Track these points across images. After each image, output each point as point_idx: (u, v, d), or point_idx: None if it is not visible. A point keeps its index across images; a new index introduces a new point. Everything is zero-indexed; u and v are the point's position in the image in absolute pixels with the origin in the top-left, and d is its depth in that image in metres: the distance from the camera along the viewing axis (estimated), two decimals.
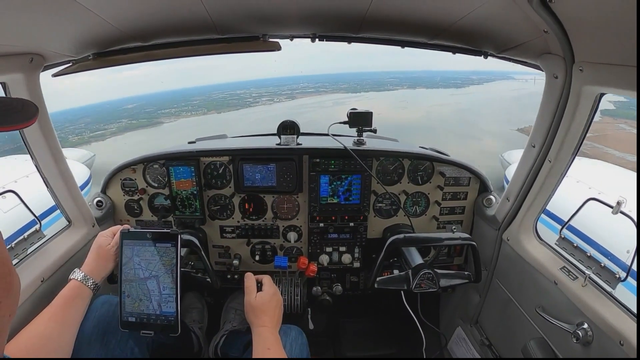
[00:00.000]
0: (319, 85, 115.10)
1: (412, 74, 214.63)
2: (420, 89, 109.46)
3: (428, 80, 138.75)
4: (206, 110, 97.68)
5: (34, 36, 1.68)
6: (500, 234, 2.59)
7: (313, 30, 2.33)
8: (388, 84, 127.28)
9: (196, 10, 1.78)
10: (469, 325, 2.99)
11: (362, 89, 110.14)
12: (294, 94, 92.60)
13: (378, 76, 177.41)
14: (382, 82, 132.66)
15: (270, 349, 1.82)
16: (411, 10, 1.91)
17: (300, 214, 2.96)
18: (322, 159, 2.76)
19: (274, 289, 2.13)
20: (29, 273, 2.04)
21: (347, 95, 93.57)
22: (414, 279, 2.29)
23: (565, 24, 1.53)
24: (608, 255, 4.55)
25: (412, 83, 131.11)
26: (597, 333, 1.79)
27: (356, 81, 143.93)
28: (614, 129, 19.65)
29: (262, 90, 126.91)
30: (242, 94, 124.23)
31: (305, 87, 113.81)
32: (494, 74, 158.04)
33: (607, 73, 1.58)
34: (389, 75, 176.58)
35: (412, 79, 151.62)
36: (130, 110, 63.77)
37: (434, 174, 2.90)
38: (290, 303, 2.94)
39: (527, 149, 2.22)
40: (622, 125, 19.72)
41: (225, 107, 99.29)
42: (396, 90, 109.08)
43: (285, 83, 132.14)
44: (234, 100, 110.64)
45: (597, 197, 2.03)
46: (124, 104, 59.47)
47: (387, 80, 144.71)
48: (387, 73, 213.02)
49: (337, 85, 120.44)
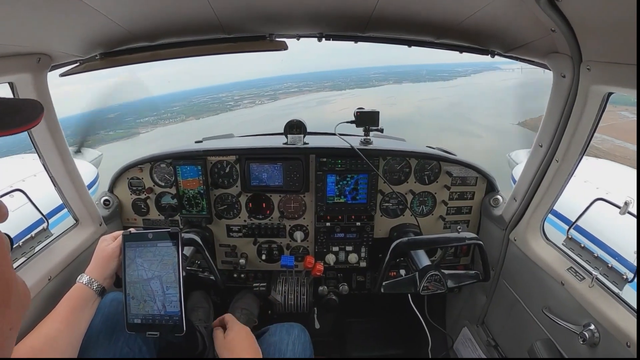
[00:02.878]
0: (303, 84, 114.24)
1: (397, 68, 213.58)
2: (406, 84, 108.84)
3: (414, 75, 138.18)
4: (185, 117, 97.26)
5: (42, 36, 1.69)
6: (507, 234, 2.58)
7: (320, 29, 2.33)
8: (373, 80, 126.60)
9: (203, 10, 1.78)
10: (475, 325, 2.98)
11: (347, 86, 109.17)
12: (277, 94, 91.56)
13: (362, 72, 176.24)
14: (367, 79, 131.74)
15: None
16: (417, 10, 1.90)
17: (307, 213, 2.96)
18: (329, 158, 2.76)
19: (238, 323, 2.08)
20: (37, 271, 2.06)
21: (331, 93, 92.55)
22: (421, 282, 2.27)
23: (572, 23, 1.52)
24: (615, 256, 4.50)
25: (398, 78, 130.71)
26: (604, 334, 1.78)
27: (340, 78, 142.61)
28: (617, 118, 19.41)
29: (244, 93, 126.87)
30: (224, 97, 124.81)
31: (289, 87, 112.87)
32: (480, 65, 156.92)
33: (615, 72, 1.57)
34: (373, 71, 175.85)
35: (398, 74, 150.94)
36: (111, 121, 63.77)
37: (441, 174, 2.89)
38: (296, 302, 2.95)
39: (534, 149, 2.20)
40: (624, 113, 19.49)
41: (205, 112, 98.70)
42: (382, 86, 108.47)
43: (268, 84, 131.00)
44: (215, 105, 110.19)
45: (605, 197, 2.02)
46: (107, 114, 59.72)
47: (371, 76, 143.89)
48: (371, 69, 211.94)
49: (321, 83, 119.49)
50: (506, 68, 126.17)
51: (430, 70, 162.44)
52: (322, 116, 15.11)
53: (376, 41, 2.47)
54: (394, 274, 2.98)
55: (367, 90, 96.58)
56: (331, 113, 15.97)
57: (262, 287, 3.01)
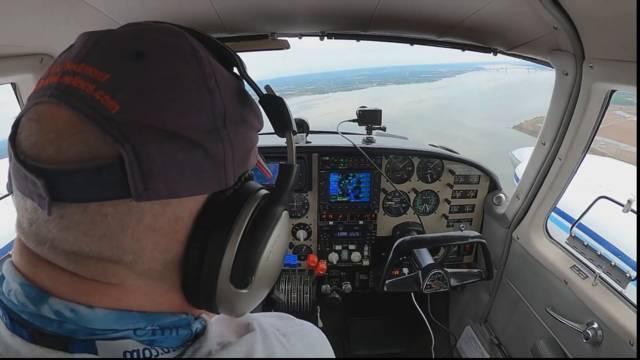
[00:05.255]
0: (285, 88, 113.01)
1: (380, 70, 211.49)
2: (390, 85, 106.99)
3: (397, 76, 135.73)
4: None
5: (44, 37, 1.70)
6: (510, 232, 2.57)
7: (322, 28, 2.33)
8: (356, 82, 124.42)
9: (204, 9, 1.78)
10: (479, 324, 2.97)
11: (330, 89, 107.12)
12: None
13: (345, 75, 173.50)
14: (350, 81, 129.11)
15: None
16: (420, 8, 1.90)
17: (310, 212, 2.96)
18: (332, 157, 2.77)
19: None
20: None
21: (314, 97, 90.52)
22: (424, 280, 2.27)
23: (575, 21, 1.51)
24: (619, 254, 4.50)
25: (382, 80, 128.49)
26: (607, 333, 1.77)
27: (323, 81, 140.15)
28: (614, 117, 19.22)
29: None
30: None
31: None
32: (463, 66, 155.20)
33: (618, 70, 1.57)
34: (356, 73, 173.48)
35: (381, 76, 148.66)
36: None
37: (444, 172, 2.89)
38: (299, 301, 2.95)
39: (537, 147, 2.20)
40: (619, 112, 19.33)
41: None
42: (365, 89, 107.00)
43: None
44: None
45: (608, 195, 2.01)
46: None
47: (354, 78, 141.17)
48: (354, 71, 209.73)
49: (303, 87, 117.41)
50: (490, 68, 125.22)
51: (413, 71, 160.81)
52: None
53: (379, 39, 2.47)
54: (397, 273, 2.98)
55: (351, 93, 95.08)
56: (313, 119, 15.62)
57: None
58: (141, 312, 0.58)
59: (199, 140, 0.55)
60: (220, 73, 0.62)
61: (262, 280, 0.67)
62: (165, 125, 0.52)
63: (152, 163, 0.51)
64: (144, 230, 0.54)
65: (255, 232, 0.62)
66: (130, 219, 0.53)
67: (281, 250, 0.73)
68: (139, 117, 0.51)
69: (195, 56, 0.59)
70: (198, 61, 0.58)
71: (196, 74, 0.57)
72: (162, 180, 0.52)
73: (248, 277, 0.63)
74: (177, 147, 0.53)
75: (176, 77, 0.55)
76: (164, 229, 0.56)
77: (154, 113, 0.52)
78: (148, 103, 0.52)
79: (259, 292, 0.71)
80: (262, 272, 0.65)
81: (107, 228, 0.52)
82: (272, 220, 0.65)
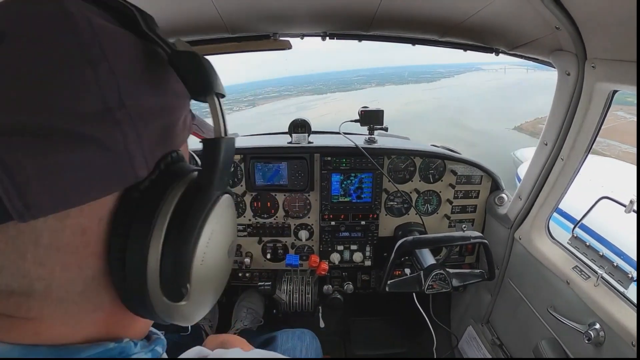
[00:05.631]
0: (283, 88, 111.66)
1: (379, 70, 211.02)
2: (389, 86, 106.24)
3: (396, 77, 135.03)
4: None
5: None
6: (512, 232, 2.57)
7: (324, 28, 2.33)
8: (355, 83, 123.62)
9: (206, 9, 1.79)
10: (480, 324, 2.97)
11: (328, 90, 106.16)
12: (255, 100, 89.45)
13: (343, 75, 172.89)
14: (349, 82, 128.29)
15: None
16: (421, 8, 1.90)
17: (312, 212, 2.96)
18: (334, 157, 2.76)
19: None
20: None
21: (312, 97, 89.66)
22: (425, 280, 2.27)
23: (577, 21, 1.51)
24: (621, 255, 4.49)
25: (380, 80, 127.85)
26: (609, 333, 1.77)
27: (321, 82, 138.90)
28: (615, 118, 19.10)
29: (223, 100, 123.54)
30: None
31: (269, 91, 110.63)
32: (461, 66, 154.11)
33: (620, 70, 1.56)
34: (354, 74, 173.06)
35: (380, 76, 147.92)
36: None
37: (446, 172, 2.88)
38: (301, 301, 2.95)
39: (539, 147, 2.19)
40: (620, 113, 19.24)
41: None
42: (364, 89, 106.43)
43: (248, 89, 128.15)
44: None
45: (610, 195, 2.01)
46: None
47: (353, 79, 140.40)
48: (352, 71, 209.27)
49: (301, 87, 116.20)
50: (488, 69, 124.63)
51: (412, 71, 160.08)
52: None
53: (380, 40, 2.47)
54: (399, 273, 2.98)
55: (350, 93, 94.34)
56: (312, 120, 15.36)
57: (267, 286, 3.01)
58: (50, 345, 0.51)
59: (85, 130, 0.45)
60: (109, 37, 0.49)
61: (202, 288, 0.58)
62: (33, 121, 0.42)
63: (26, 174, 0.42)
64: (45, 252, 0.47)
65: (180, 230, 0.53)
66: (25, 243, 0.46)
67: (222, 246, 0.63)
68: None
69: (68, 21, 0.46)
70: (72, 27, 0.46)
71: (70, 45, 0.46)
72: (45, 193, 0.43)
73: (181, 287, 0.54)
74: (55, 146, 0.43)
75: (43, 56, 0.44)
76: (70, 245, 0.49)
77: (16, 110, 0.42)
78: (5, 99, 0.42)
79: (204, 299, 0.63)
80: (200, 277, 0.56)
81: (4, 257, 0.45)
82: (201, 211, 0.55)
